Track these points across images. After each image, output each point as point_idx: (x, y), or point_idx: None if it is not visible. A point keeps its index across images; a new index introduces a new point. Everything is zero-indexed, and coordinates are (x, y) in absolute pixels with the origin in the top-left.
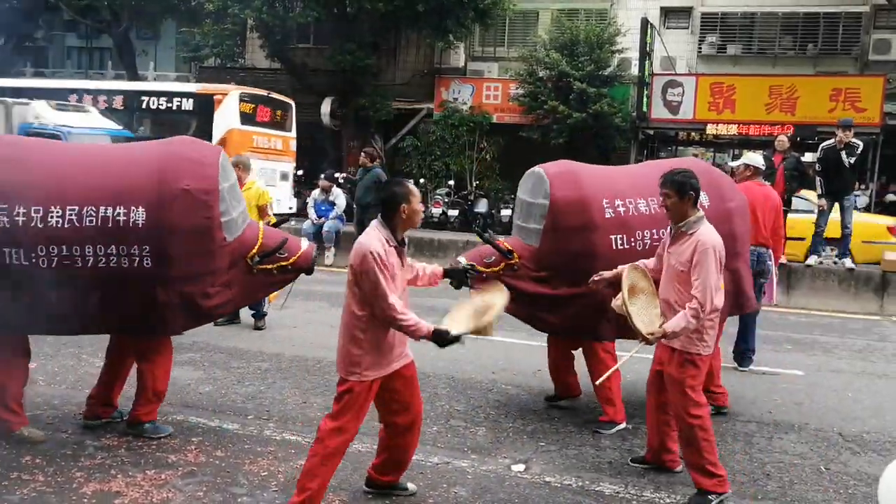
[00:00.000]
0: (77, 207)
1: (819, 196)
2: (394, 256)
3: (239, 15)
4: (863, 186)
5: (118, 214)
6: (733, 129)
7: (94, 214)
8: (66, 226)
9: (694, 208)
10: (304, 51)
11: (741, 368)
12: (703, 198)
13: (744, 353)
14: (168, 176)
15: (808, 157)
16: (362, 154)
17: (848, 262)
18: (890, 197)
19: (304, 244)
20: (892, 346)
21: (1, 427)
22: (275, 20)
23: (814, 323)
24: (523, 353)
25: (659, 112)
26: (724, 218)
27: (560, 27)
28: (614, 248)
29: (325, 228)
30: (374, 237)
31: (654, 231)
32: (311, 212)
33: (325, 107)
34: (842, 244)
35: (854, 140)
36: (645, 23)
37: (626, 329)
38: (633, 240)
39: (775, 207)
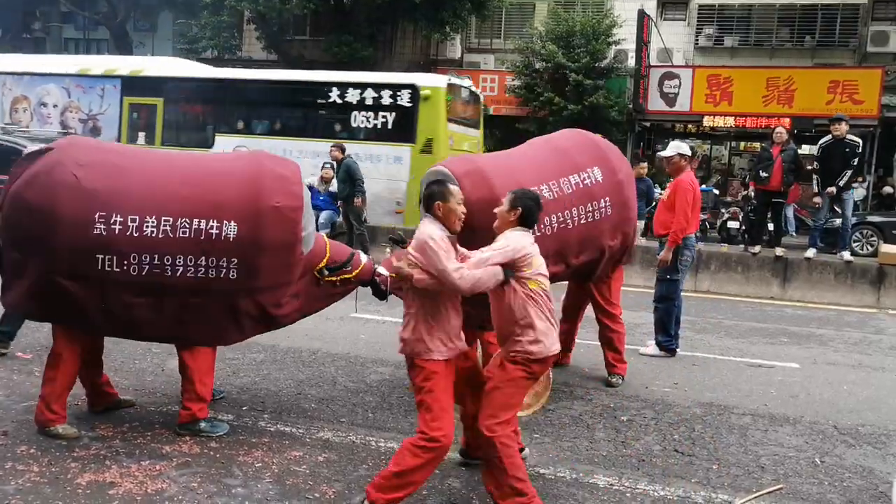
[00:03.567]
0: (172, 218)
1: (816, 193)
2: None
3: (236, 6)
4: (860, 179)
5: (211, 227)
6: (730, 122)
7: (187, 226)
8: (160, 236)
9: (518, 225)
10: (301, 42)
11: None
12: (597, 173)
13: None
14: (260, 193)
15: (804, 149)
16: (332, 148)
17: (846, 255)
18: (887, 189)
19: (364, 258)
20: (888, 339)
21: (37, 422)
22: (271, 11)
23: (810, 315)
24: None
25: (655, 104)
26: (617, 189)
27: (556, 18)
28: None
29: (320, 220)
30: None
31: (559, 214)
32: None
33: None
34: (840, 238)
35: (852, 137)
36: (641, 14)
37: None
38: (542, 226)
39: None
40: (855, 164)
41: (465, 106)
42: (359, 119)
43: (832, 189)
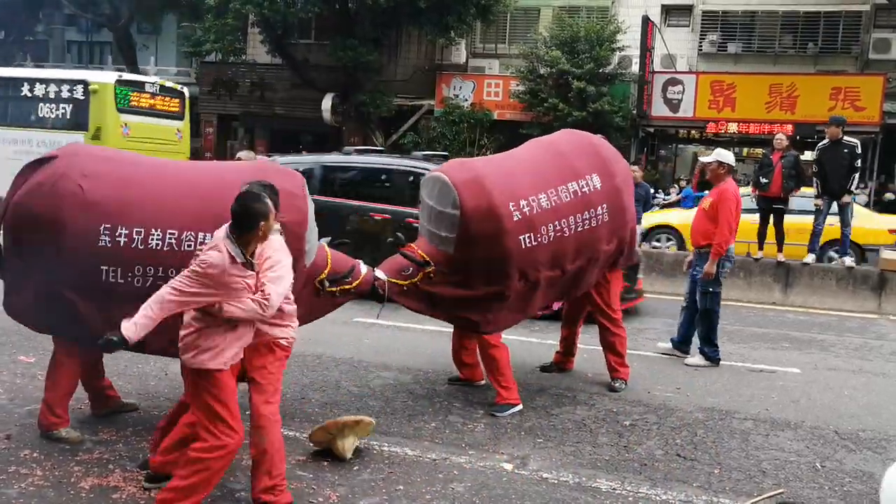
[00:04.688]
0: (177, 232)
1: (816, 196)
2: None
3: (240, 10)
4: (862, 185)
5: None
6: (733, 128)
7: (192, 239)
8: (164, 249)
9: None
10: (306, 46)
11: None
12: (595, 180)
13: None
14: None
15: (807, 155)
16: None
17: (847, 261)
18: (888, 196)
19: (364, 269)
20: (889, 345)
21: (41, 425)
22: (276, 15)
23: (811, 321)
24: (520, 350)
25: (659, 110)
26: (615, 194)
27: (561, 24)
28: (524, 247)
29: None
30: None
31: (556, 223)
32: None
33: (326, 102)
34: (841, 243)
35: (849, 139)
36: (646, 20)
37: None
38: (538, 236)
39: None
40: (858, 165)
41: (154, 99)
42: (45, 110)
43: (848, 197)
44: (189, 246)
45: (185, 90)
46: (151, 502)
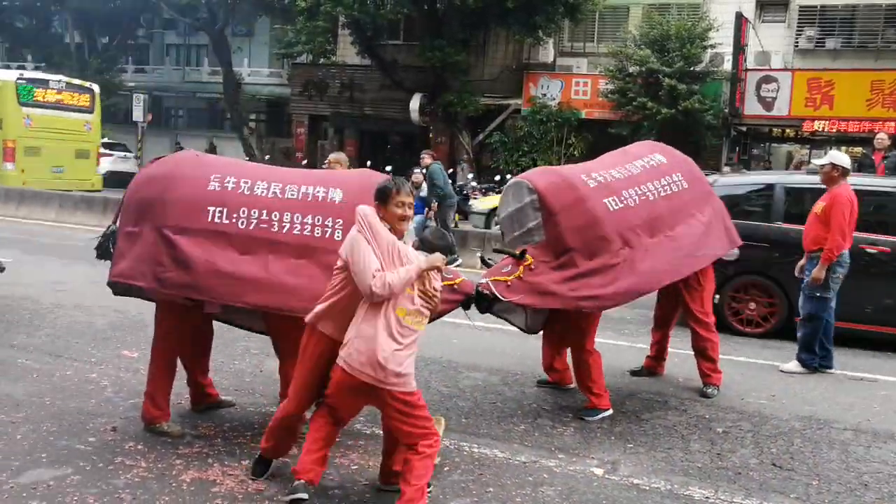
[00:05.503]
0: (281, 184)
1: None
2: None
3: (331, 12)
4: None
5: (318, 191)
6: (831, 126)
7: (295, 190)
8: (269, 196)
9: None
10: (395, 47)
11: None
12: (658, 157)
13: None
14: (365, 174)
15: None
16: (424, 154)
17: None
18: None
19: (461, 276)
20: None
21: (144, 419)
22: (366, 17)
23: None
24: (611, 353)
25: (752, 108)
26: (685, 165)
27: (651, 23)
28: (611, 209)
29: (412, 225)
30: None
31: (637, 188)
32: None
33: (415, 103)
34: None
35: None
36: (739, 17)
37: None
38: (622, 199)
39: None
40: None
41: (61, 94)
42: None
43: None
44: (292, 195)
45: (95, 87)
46: (249, 497)
